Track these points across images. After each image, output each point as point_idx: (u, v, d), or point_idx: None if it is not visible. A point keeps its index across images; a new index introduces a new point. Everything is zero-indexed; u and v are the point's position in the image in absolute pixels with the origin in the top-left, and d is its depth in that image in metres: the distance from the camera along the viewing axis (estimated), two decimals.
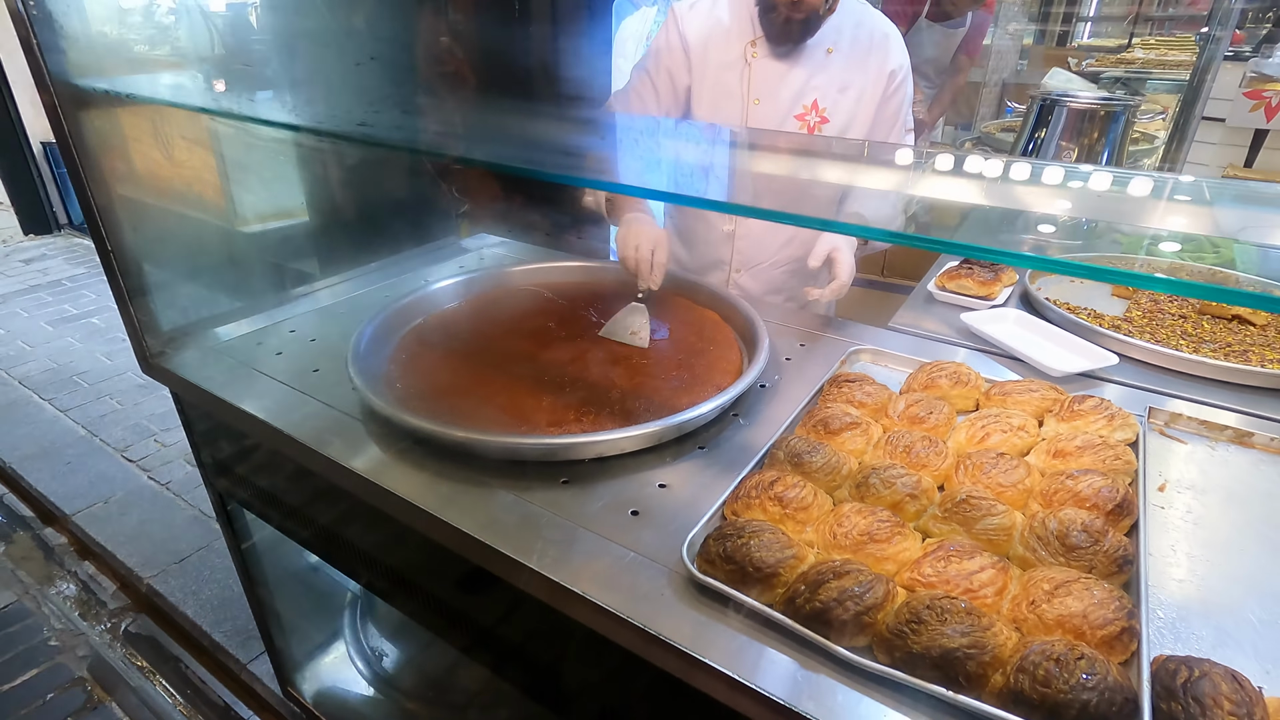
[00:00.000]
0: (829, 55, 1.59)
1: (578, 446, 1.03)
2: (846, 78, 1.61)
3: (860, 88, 1.62)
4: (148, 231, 1.29)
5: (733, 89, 1.61)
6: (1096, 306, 1.58)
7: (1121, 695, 0.63)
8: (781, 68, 1.59)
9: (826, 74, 1.60)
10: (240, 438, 1.37)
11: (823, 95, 1.61)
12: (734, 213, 1.65)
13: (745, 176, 1.08)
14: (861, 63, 1.61)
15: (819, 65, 1.60)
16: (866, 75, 1.62)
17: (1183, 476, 1.04)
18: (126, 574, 2.54)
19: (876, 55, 1.61)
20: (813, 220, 0.84)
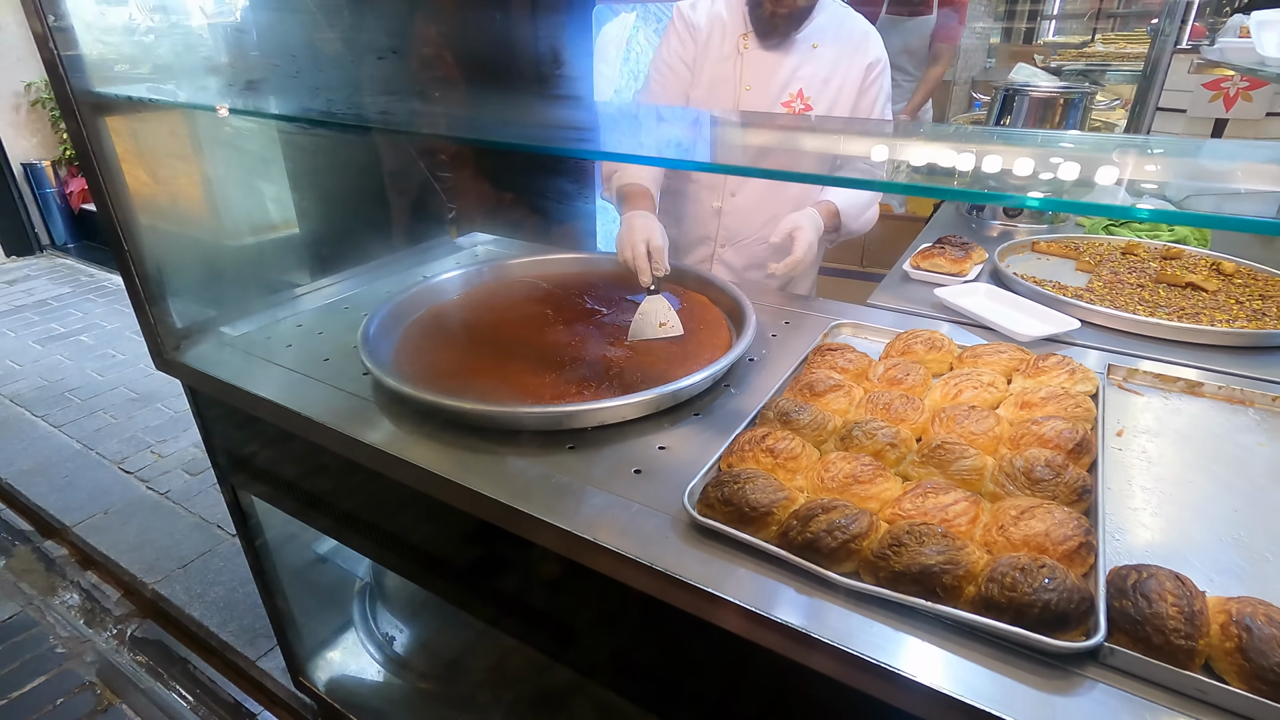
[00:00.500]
0: (815, 49, 1.76)
1: (582, 414, 1.10)
2: (830, 70, 1.77)
3: (842, 79, 1.79)
4: (163, 233, 1.35)
5: (727, 76, 1.78)
6: (1061, 279, 1.68)
7: (1079, 595, 0.72)
8: (771, 58, 1.75)
9: (812, 66, 1.76)
10: (255, 426, 1.42)
11: (807, 85, 1.77)
12: (728, 173, 1.80)
13: (739, 146, 1.18)
14: (846, 56, 1.78)
15: (805, 57, 1.76)
16: (849, 68, 1.78)
17: (1139, 423, 1.13)
18: (130, 581, 2.57)
19: (858, 51, 1.78)
20: (801, 175, 0.92)
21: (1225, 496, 0.96)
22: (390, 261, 1.86)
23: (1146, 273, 1.70)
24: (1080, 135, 1.85)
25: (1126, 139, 0.98)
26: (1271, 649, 0.65)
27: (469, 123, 1.15)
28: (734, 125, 1.25)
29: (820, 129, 1.24)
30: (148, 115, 1.27)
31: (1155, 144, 1.07)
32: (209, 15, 1.39)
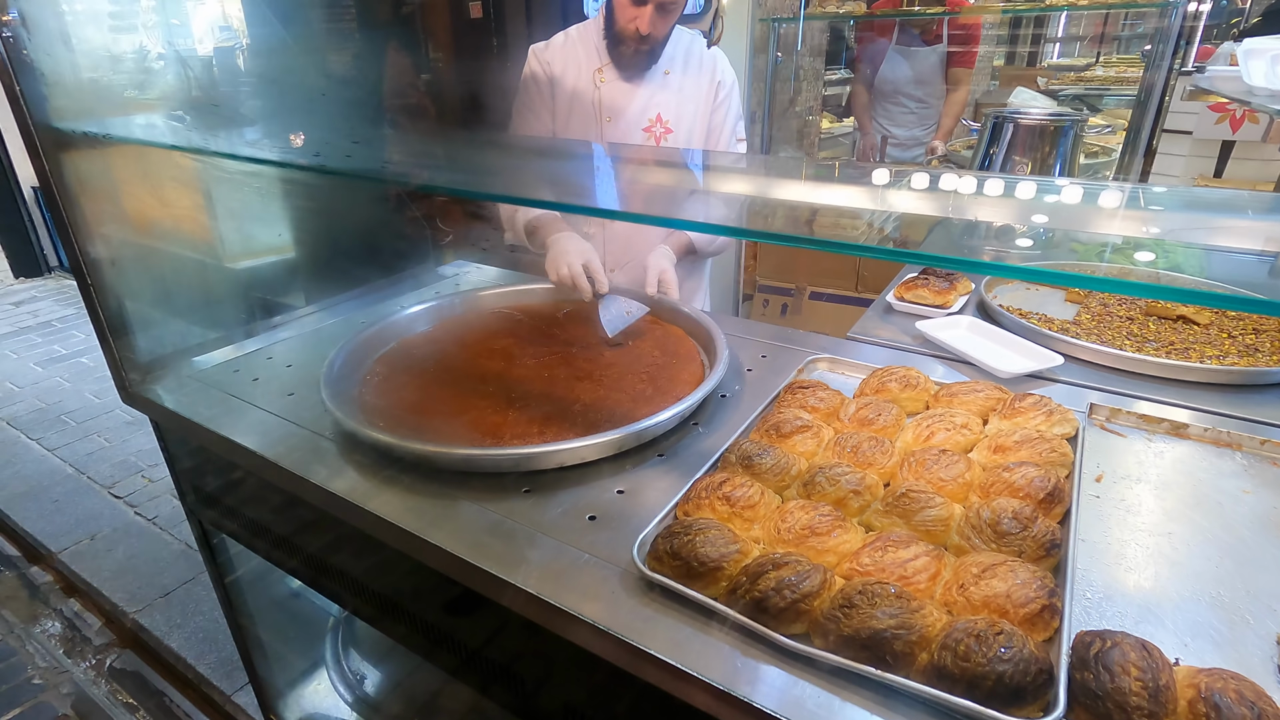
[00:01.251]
0: (666, 76, 1.85)
1: (539, 456, 1.07)
2: (683, 93, 1.87)
3: (695, 101, 1.88)
4: (126, 266, 1.34)
5: (587, 109, 1.84)
6: (1049, 312, 1.64)
7: (1036, 666, 0.67)
8: (627, 89, 1.83)
9: (666, 92, 1.85)
10: (216, 462, 1.40)
11: (665, 109, 1.85)
12: (594, 215, 1.83)
13: (608, 185, 1.16)
14: (695, 79, 1.87)
15: (659, 85, 1.84)
16: (699, 89, 1.88)
17: (1119, 467, 1.08)
18: (111, 610, 2.54)
19: (705, 71, 1.88)
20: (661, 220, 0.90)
21: (1206, 550, 0.91)
22: (367, 291, 1.84)
23: (1138, 305, 1.66)
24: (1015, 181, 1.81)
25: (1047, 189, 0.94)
26: None
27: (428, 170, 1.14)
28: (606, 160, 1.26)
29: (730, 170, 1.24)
30: (111, 150, 1.26)
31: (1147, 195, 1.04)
32: (173, 52, 1.39)
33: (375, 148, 1.26)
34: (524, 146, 1.65)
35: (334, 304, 1.79)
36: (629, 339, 1.50)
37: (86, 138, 1.20)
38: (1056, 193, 0.91)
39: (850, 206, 0.97)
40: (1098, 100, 3.67)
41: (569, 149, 1.68)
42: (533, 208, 1.79)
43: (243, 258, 1.67)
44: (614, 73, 1.82)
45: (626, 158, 1.39)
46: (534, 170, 1.24)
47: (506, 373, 1.37)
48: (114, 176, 1.30)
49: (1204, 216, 0.96)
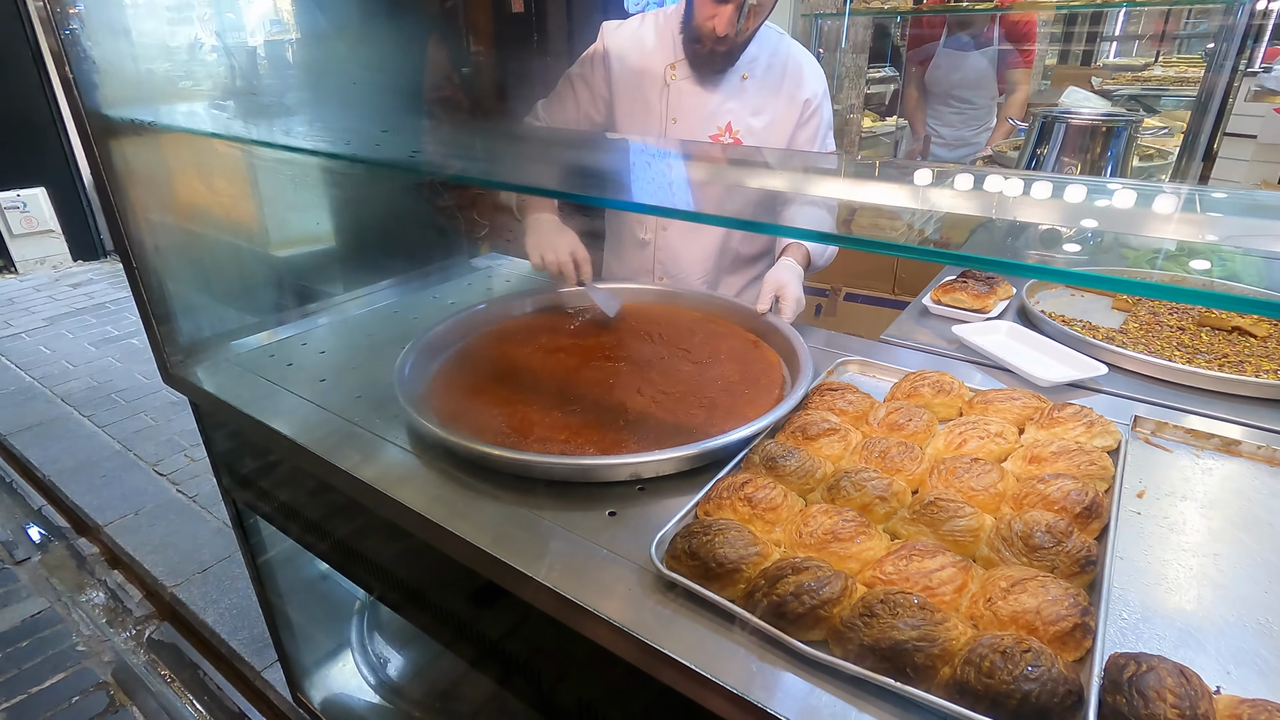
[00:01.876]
0: (744, 81, 1.67)
1: (611, 468, 1.03)
2: (759, 103, 1.69)
3: (773, 114, 1.70)
4: (169, 250, 1.38)
5: (652, 107, 1.70)
6: (1094, 319, 1.58)
7: (1065, 687, 0.64)
8: (699, 90, 1.68)
9: (741, 99, 1.68)
10: (251, 444, 1.43)
11: (736, 119, 1.69)
12: (649, 213, 1.73)
13: (676, 182, 1.12)
14: (775, 90, 1.69)
15: (734, 90, 1.68)
16: (779, 102, 1.70)
17: (1164, 484, 1.04)
18: (153, 583, 2.63)
19: (790, 83, 1.69)
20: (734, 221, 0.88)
21: (1255, 573, 0.86)
22: (400, 282, 1.87)
23: (1190, 314, 1.59)
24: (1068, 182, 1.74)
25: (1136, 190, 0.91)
26: None
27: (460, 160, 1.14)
28: (673, 158, 1.21)
29: (785, 167, 1.18)
30: (156, 137, 1.30)
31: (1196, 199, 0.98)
32: (221, 43, 1.42)
33: (408, 137, 1.27)
34: (552, 138, 1.63)
35: (368, 293, 1.82)
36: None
37: (133, 125, 1.24)
38: (1107, 195, 0.87)
39: (891, 205, 0.94)
40: (1155, 101, 3.53)
41: (591, 140, 1.64)
42: (560, 199, 1.71)
43: (280, 245, 1.70)
44: (686, 70, 1.67)
45: (653, 151, 1.36)
46: (559, 160, 1.23)
47: (573, 376, 1.34)
48: (159, 164, 1.34)
49: (1267, 222, 0.90)
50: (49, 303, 5.40)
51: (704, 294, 1.65)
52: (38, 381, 4.15)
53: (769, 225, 1.01)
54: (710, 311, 1.60)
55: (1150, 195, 0.83)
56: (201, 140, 1.42)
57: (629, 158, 1.33)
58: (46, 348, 4.61)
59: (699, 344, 1.46)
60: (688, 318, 1.58)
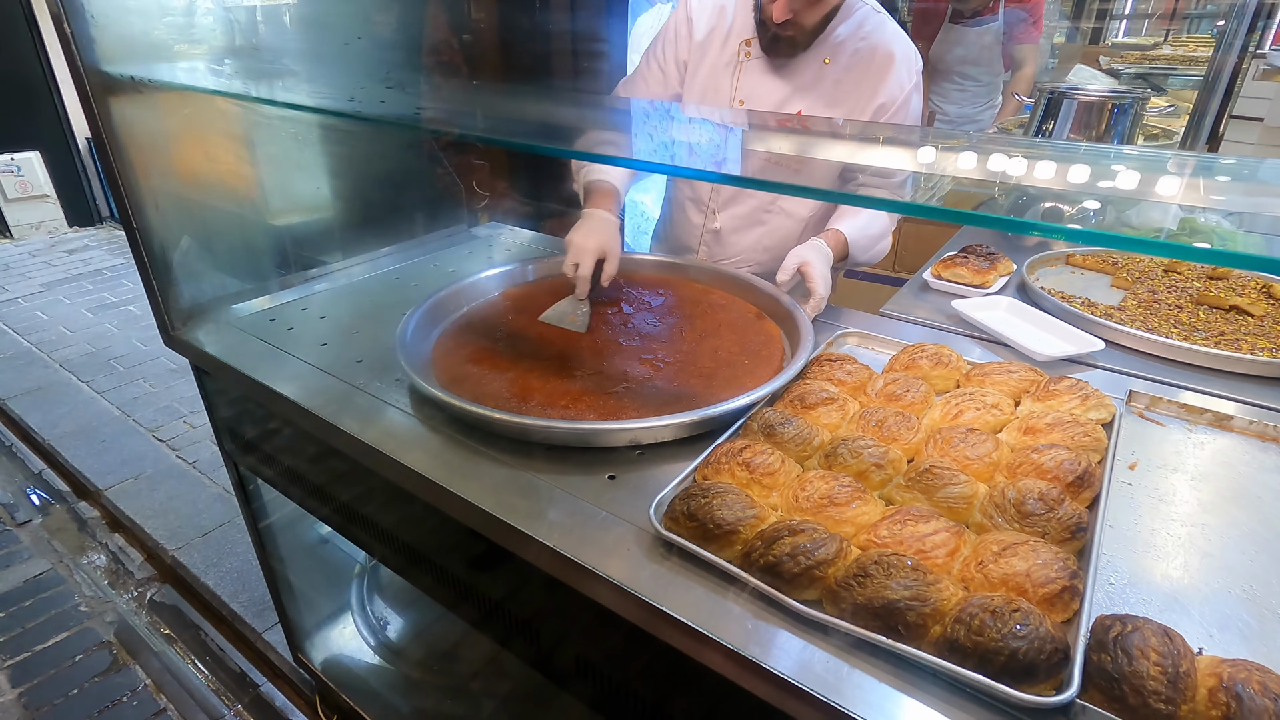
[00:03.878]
0: (824, 66, 1.54)
1: (611, 433, 1.04)
2: (835, 95, 1.56)
3: (851, 105, 1.57)
4: (170, 213, 1.37)
5: (722, 86, 1.61)
6: (1093, 296, 1.59)
7: (1051, 645, 0.66)
8: (770, 73, 1.57)
9: (817, 89, 1.56)
10: (252, 408, 1.44)
11: (808, 108, 1.57)
12: (714, 180, 1.64)
13: (739, 151, 1.09)
14: (855, 85, 1.55)
15: (811, 76, 1.55)
16: (857, 99, 1.56)
17: (1156, 456, 1.05)
18: (154, 546, 2.66)
19: (871, 82, 1.54)
20: (792, 188, 0.87)
21: (1241, 543, 0.88)
22: (401, 249, 1.86)
23: (1188, 293, 1.59)
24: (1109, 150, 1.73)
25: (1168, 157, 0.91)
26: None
27: (466, 118, 1.13)
28: (731, 132, 1.18)
29: (821, 135, 1.16)
30: (155, 95, 1.29)
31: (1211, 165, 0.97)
32: (233, 5, 1.40)
33: (411, 95, 1.26)
34: (578, 100, 1.59)
35: (368, 259, 1.81)
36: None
37: (133, 82, 1.23)
38: (1115, 166, 0.87)
39: (896, 168, 0.94)
40: (1163, 80, 3.49)
41: (589, 101, 1.60)
42: (587, 162, 1.61)
43: (281, 210, 1.70)
44: (758, 50, 1.56)
45: (670, 112, 1.35)
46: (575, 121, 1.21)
47: (574, 344, 1.34)
48: (159, 124, 1.33)
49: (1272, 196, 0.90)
50: (45, 268, 5.37)
51: (708, 266, 1.64)
52: (35, 347, 4.15)
53: (789, 186, 0.98)
54: (713, 284, 1.60)
55: (1159, 166, 0.83)
56: (201, 100, 1.40)
57: (643, 120, 1.31)
58: (43, 313, 4.60)
59: (701, 315, 1.46)
60: (691, 289, 1.59)
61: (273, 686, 2.15)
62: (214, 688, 2.15)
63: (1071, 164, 0.82)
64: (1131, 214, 0.84)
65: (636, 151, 1.03)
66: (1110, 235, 0.65)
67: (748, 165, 1.01)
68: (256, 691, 2.14)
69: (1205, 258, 0.65)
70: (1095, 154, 1.00)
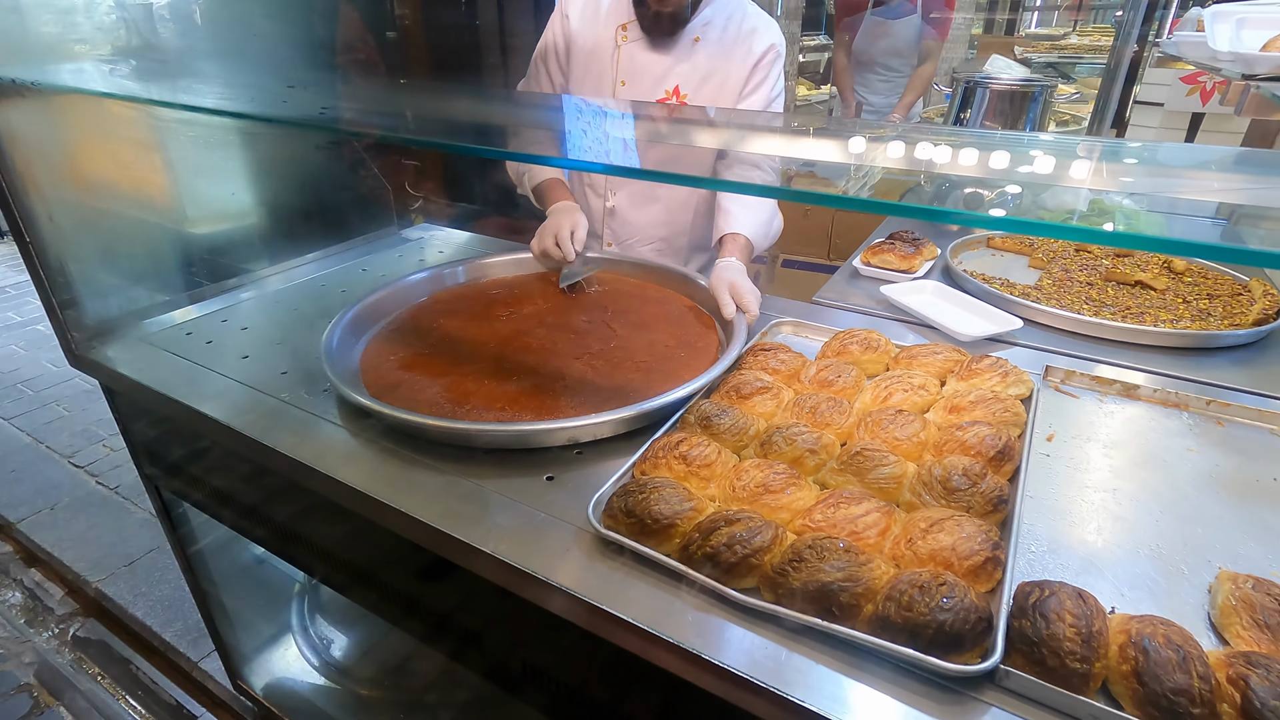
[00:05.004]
0: (695, 44, 1.66)
1: (549, 433, 1.02)
2: (710, 67, 1.67)
3: (723, 78, 1.67)
4: (67, 223, 1.29)
5: (603, 70, 1.70)
6: (1012, 277, 1.66)
7: (975, 615, 0.69)
8: (648, 52, 1.67)
9: (690, 62, 1.66)
10: (172, 428, 1.37)
11: (684, 82, 1.67)
12: (612, 173, 1.75)
13: (631, 144, 1.10)
14: (726, 54, 1.66)
15: (684, 53, 1.66)
16: (730, 65, 1.67)
17: (1071, 427, 1.10)
18: (74, 579, 2.50)
19: (741, 48, 1.66)
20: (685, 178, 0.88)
21: (1149, 505, 0.94)
22: (328, 255, 1.80)
23: (1098, 270, 1.68)
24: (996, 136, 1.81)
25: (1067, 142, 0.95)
26: (1166, 674, 0.63)
27: (367, 117, 1.10)
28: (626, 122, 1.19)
29: (718, 124, 1.18)
30: (42, 100, 1.20)
31: (1109, 150, 1.02)
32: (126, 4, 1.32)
33: (317, 94, 1.21)
34: (477, 95, 1.59)
35: (292, 266, 1.74)
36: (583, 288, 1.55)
37: (15, 86, 1.14)
38: (1031, 153, 0.90)
39: (829, 161, 0.95)
40: (1071, 69, 3.68)
41: (522, 99, 1.62)
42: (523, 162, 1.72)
43: (195, 217, 1.61)
44: (638, 32, 1.66)
45: (588, 109, 1.34)
46: (481, 118, 1.19)
47: (509, 345, 1.32)
48: (50, 130, 1.24)
49: (1170, 178, 0.95)
50: None
51: (643, 261, 1.65)
52: None
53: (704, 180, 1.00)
54: (648, 279, 1.60)
55: (1070, 153, 0.87)
56: (99, 104, 1.32)
57: (562, 116, 1.30)
58: None
59: (635, 310, 1.46)
60: (625, 284, 1.58)
61: (212, 716, 2.06)
62: None
63: (982, 151, 0.85)
64: (1045, 198, 0.88)
65: (535, 145, 1.02)
66: (1012, 221, 0.68)
67: (649, 157, 1.01)
68: None
69: (1104, 239, 0.68)
70: (1008, 141, 1.04)
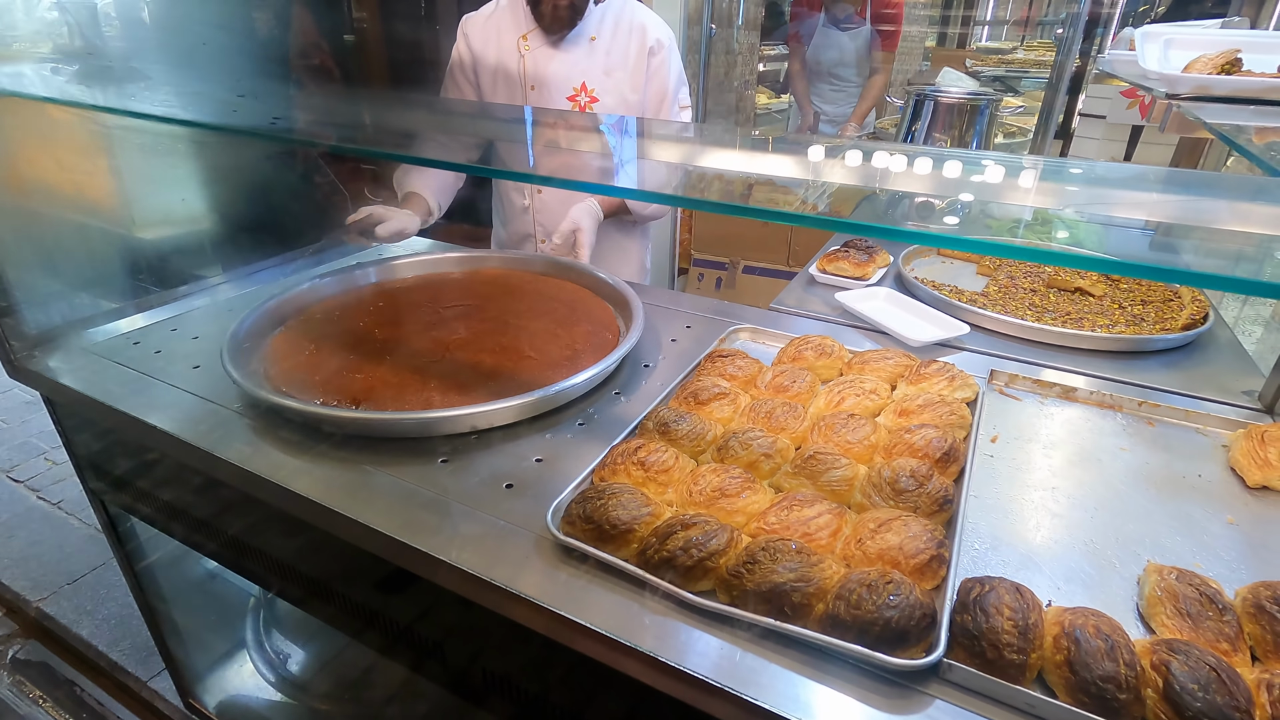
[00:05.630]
0: (593, 43, 1.81)
1: (453, 420, 1.06)
2: (610, 61, 1.82)
3: (623, 68, 1.83)
4: (5, 229, 1.24)
5: (512, 77, 1.82)
6: (961, 284, 1.72)
7: (920, 611, 0.71)
8: (552, 56, 1.80)
9: (591, 59, 1.81)
10: (118, 441, 1.33)
11: (590, 78, 1.81)
12: (519, 180, 1.89)
13: (527, 151, 1.15)
14: (623, 47, 1.82)
15: (585, 52, 1.81)
16: (628, 57, 1.82)
17: (1013, 429, 1.15)
18: (13, 599, 2.40)
19: (635, 39, 1.82)
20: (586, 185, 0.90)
21: (1085, 502, 0.98)
22: (280, 262, 1.77)
23: (1041, 277, 1.75)
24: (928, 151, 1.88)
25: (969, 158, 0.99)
26: (1095, 662, 0.66)
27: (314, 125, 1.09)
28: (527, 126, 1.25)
29: (664, 137, 1.23)
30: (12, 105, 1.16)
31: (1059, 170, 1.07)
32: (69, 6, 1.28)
33: (266, 103, 1.19)
34: (436, 107, 1.60)
35: (243, 274, 1.71)
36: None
37: None
38: (979, 168, 0.94)
39: (785, 177, 0.98)
40: (1017, 82, 3.82)
41: (487, 112, 1.64)
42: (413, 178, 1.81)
43: (143, 223, 1.57)
44: (540, 38, 1.79)
45: (544, 121, 1.36)
46: (440, 131, 1.20)
47: (415, 342, 1.34)
48: None
49: (1106, 191, 1.00)
50: None
51: (539, 257, 1.72)
52: None
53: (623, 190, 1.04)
54: (548, 272, 1.66)
55: (1016, 170, 0.91)
56: (39, 108, 1.28)
57: (498, 126, 1.32)
58: None
59: (529, 304, 1.49)
60: (517, 279, 1.62)
61: None
62: None
63: (928, 167, 0.88)
64: (987, 213, 0.92)
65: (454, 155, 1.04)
66: (955, 239, 0.71)
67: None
68: None
69: (1042, 258, 0.72)
70: (949, 157, 1.08)
